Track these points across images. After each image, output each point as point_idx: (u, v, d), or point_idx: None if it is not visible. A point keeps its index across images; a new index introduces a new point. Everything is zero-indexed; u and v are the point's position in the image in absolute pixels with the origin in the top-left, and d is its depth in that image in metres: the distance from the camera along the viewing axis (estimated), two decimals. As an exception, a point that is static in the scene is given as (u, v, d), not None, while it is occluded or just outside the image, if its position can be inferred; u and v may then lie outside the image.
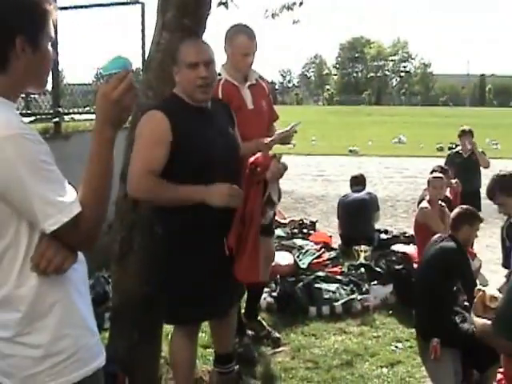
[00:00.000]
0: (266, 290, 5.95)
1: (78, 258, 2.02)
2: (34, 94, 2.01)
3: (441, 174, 7.45)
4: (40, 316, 1.96)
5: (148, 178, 3.49)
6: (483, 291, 3.31)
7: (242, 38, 4.68)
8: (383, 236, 8.52)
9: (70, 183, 1.95)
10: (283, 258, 6.81)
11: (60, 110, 7.50)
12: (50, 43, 2.06)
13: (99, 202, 1.97)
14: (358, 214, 8.55)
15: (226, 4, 7.03)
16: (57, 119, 7.12)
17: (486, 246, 9.99)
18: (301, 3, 6.83)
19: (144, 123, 3.59)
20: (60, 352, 1.98)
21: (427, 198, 7.33)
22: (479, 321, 3.29)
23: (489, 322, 3.03)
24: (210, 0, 4.24)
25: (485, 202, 14.20)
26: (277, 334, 5.46)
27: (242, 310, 5.38)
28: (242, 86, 4.78)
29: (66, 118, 7.66)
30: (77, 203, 1.90)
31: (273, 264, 5.43)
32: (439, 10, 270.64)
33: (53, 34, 2.07)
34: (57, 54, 7.05)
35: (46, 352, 1.96)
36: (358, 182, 9.26)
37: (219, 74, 4.45)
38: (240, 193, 3.64)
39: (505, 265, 5.36)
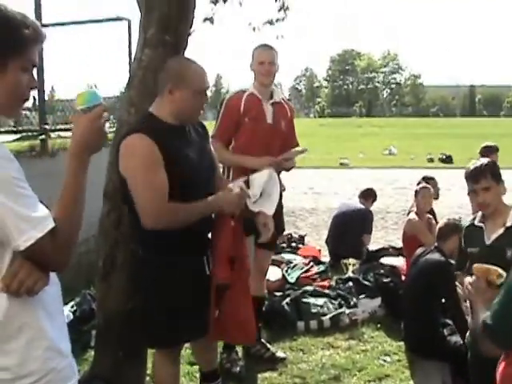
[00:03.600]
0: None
1: (50, 280, 2.00)
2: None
3: (428, 185, 7.46)
4: (8, 338, 1.94)
5: (165, 206, 3.38)
6: (486, 267, 3.16)
7: (258, 50, 5.14)
8: (371, 248, 8.48)
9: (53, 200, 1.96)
10: (271, 273, 6.77)
11: (47, 127, 7.48)
12: (30, 70, 2.03)
13: (74, 220, 1.99)
14: (345, 228, 8.50)
15: (211, 20, 7.05)
16: (43, 136, 7.10)
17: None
18: (283, 18, 6.87)
19: (133, 149, 3.39)
20: (29, 375, 1.96)
21: (414, 209, 7.34)
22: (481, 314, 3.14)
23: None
24: (192, 17, 4.26)
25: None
26: (282, 354, 5.37)
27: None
28: (265, 101, 5.11)
29: (53, 134, 7.64)
30: (50, 219, 1.90)
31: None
32: (428, 21, 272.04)
33: (34, 61, 2.04)
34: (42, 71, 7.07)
35: (14, 375, 1.94)
36: (365, 195, 9.11)
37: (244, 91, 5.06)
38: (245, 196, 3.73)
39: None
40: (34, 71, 2.08)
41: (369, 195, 8.98)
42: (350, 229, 8.40)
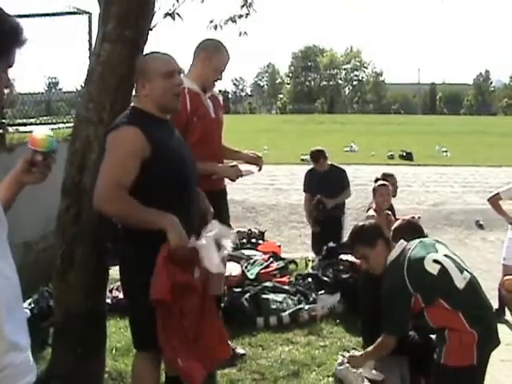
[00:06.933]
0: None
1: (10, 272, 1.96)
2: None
3: (386, 182, 7.52)
4: None
5: (117, 192, 3.31)
6: None
7: (223, 56, 4.80)
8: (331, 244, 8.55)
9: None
10: (231, 269, 6.77)
11: (4, 121, 7.37)
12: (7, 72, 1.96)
13: None
14: None
15: (172, 15, 6.97)
16: (0, 131, 6.98)
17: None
18: (247, 14, 6.81)
19: (115, 138, 3.42)
20: None
21: (373, 206, 7.40)
22: None
23: None
24: (152, 12, 4.24)
25: (433, 208, 14.47)
26: (241, 350, 5.34)
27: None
28: (202, 95, 4.79)
29: (11, 129, 7.53)
30: None
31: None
32: (391, 18, 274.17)
33: (12, 63, 1.97)
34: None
35: None
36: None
37: None
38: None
39: None
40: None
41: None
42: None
